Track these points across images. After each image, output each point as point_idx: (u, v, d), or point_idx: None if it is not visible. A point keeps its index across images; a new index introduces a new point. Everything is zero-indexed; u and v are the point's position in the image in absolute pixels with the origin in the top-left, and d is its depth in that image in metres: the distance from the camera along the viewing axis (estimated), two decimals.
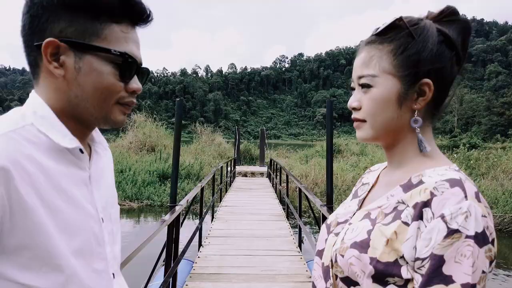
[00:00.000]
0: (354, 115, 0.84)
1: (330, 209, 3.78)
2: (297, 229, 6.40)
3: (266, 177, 17.32)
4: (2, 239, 0.65)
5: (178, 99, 4.35)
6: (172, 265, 3.75)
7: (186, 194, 5.48)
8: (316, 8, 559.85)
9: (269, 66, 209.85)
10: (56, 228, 0.70)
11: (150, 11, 0.80)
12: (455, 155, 18.87)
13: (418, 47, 0.77)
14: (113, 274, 0.85)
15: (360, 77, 0.81)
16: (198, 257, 5.37)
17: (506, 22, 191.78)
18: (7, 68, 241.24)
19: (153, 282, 4.09)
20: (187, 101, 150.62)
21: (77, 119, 0.79)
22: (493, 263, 0.68)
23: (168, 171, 15.06)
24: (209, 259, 5.27)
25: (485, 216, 0.67)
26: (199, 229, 5.82)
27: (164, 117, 36.64)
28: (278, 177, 12.32)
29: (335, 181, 14.58)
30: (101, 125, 0.82)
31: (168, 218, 3.50)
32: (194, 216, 10.66)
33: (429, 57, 0.76)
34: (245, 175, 18.40)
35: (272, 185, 13.58)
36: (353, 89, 0.85)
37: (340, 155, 22.14)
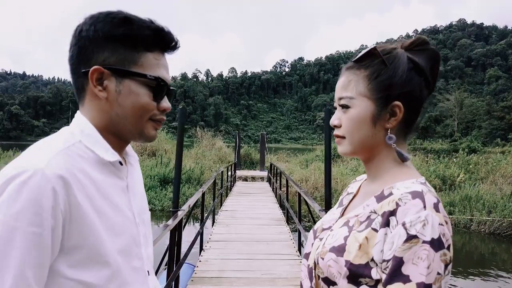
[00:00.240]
0: (335, 132, 0.95)
1: None
2: (297, 233, 6.48)
3: (266, 181, 17.38)
4: (62, 240, 0.77)
5: (181, 106, 4.42)
6: (174, 269, 3.84)
7: (187, 199, 5.57)
8: (316, 13, 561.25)
9: (269, 70, 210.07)
10: (105, 230, 0.83)
11: (177, 40, 0.95)
12: (454, 159, 18.93)
13: (389, 74, 0.87)
14: (148, 271, 0.98)
15: (340, 98, 0.92)
16: (200, 261, 5.45)
17: (506, 26, 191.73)
18: (8, 72, 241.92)
19: None
20: (187, 105, 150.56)
21: (117, 135, 0.92)
22: (449, 266, 0.76)
23: (169, 176, 15.13)
24: (210, 263, 5.35)
25: (442, 225, 0.76)
26: (200, 233, 5.91)
27: (165, 122, 36.67)
28: (278, 181, 12.39)
29: (335, 186, 14.66)
30: (136, 139, 0.94)
31: (171, 223, 3.59)
32: (194, 220, 10.73)
33: (399, 82, 0.87)
34: (245, 179, 18.47)
35: (272, 190, 13.65)
36: (336, 108, 0.95)
37: (340, 160, 22.18)
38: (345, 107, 0.91)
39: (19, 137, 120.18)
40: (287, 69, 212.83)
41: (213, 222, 8.15)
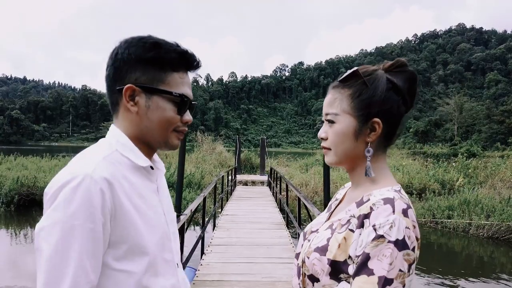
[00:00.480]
0: (322, 143, 1.06)
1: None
2: (296, 237, 6.55)
3: (267, 185, 17.43)
4: (110, 235, 0.92)
5: None
6: None
7: (187, 203, 5.65)
8: (316, 17, 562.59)
9: (269, 75, 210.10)
10: (143, 225, 0.98)
11: (199, 60, 1.09)
12: (453, 163, 18.99)
13: (370, 93, 0.97)
14: (177, 264, 1.12)
15: (326, 114, 1.03)
16: (201, 264, 5.53)
17: (505, 31, 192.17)
18: (9, 77, 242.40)
19: None
20: None
21: (146, 143, 1.07)
22: (413, 266, 0.86)
23: (170, 180, 15.19)
24: (211, 267, 5.43)
25: (408, 228, 0.86)
26: (201, 237, 5.99)
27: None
28: (278, 186, 12.46)
29: (335, 190, 14.63)
30: (162, 148, 1.09)
31: None
32: (195, 224, 10.79)
33: (378, 101, 0.97)
34: (245, 184, 18.53)
35: (273, 194, 13.71)
36: (323, 122, 1.06)
37: None
38: (330, 122, 1.02)
39: (19, 141, 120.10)
40: (287, 74, 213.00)
41: (214, 226, 8.23)
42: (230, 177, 14.53)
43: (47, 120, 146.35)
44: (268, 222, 8.80)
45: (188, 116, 1.08)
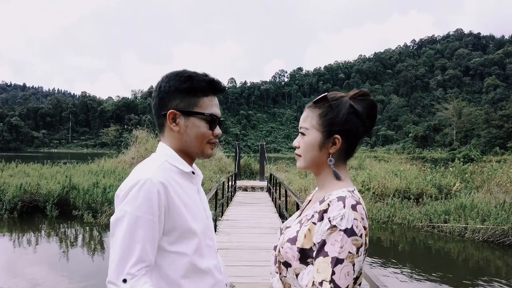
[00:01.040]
0: (296, 151, 1.32)
1: None
2: None
3: (266, 191, 17.60)
4: (164, 225, 1.23)
5: None
6: None
7: None
8: (314, 23, 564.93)
9: (268, 80, 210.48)
10: (190, 217, 1.29)
11: (224, 86, 1.42)
12: (450, 168, 19.13)
13: (333, 115, 1.23)
14: (217, 250, 1.46)
15: (300, 127, 1.30)
16: None
17: (503, 36, 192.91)
18: (9, 84, 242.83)
19: None
20: None
21: (187, 154, 1.40)
22: (361, 249, 1.09)
23: None
24: None
25: (356, 219, 1.09)
26: None
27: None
28: (277, 191, 12.64)
29: None
30: (199, 157, 1.41)
31: None
32: None
33: (340, 122, 1.22)
34: (245, 189, 18.70)
35: (272, 199, 13.88)
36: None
37: None
38: (302, 134, 1.29)
39: (19, 148, 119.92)
40: (286, 79, 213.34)
41: (215, 231, 8.40)
42: (230, 183, 14.70)
43: (46, 126, 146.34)
44: (268, 227, 8.98)
45: (218, 130, 1.40)
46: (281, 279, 1.24)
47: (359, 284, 1.16)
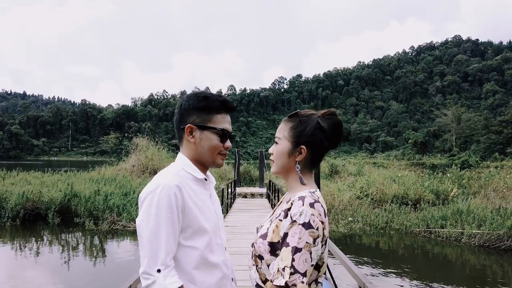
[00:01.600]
0: (270, 157, 1.55)
1: None
2: None
3: (266, 198, 17.73)
4: (181, 223, 1.45)
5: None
6: None
7: None
8: (313, 31, 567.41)
9: (268, 87, 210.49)
10: (202, 217, 1.50)
11: (235, 105, 1.65)
12: (448, 174, 19.27)
13: (301, 128, 1.46)
14: (225, 247, 1.66)
15: (275, 137, 1.53)
16: None
17: (501, 42, 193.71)
18: (8, 92, 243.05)
19: None
20: None
21: (201, 163, 1.61)
22: (318, 240, 1.30)
23: None
24: None
25: (313, 215, 1.30)
26: None
27: (164, 139, 37.03)
28: (277, 198, 12.79)
29: (332, 201, 15.05)
30: (211, 166, 1.63)
31: None
32: None
33: (306, 135, 1.44)
34: (245, 196, 18.84)
35: (271, 206, 14.03)
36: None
37: (337, 176, 22.58)
38: (276, 142, 1.52)
39: (19, 156, 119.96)
40: (285, 86, 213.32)
41: None
42: (229, 190, 14.85)
43: (46, 134, 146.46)
44: None
45: (228, 143, 1.62)
46: (257, 271, 1.44)
47: (324, 273, 1.38)
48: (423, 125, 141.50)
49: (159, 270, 1.36)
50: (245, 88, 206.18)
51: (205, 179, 1.62)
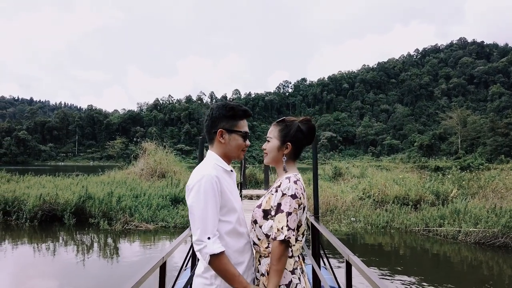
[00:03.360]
0: (264, 151, 2.13)
1: (317, 218, 4.88)
2: None
3: None
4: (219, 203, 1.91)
5: (200, 136, 5.47)
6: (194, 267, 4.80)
7: None
8: (317, 35, 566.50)
9: (272, 91, 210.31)
10: (233, 199, 1.99)
11: (251, 112, 2.13)
12: (448, 176, 19.64)
13: (287, 131, 2.07)
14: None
15: (267, 136, 2.13)
16: None
17: (507, 44, 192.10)
18: (16, 98, 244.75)
19: (179, 280, 5.14)
20: (192, 127, 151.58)
21: (227, 158, 2.08)
22: (301, 206, 1.91)
23: (180, 195, 16.06)
24: None
25: (297, 189, 1.90)
26: None
27: (170, 144, 37.31)
28: None
29: (335, 202, 15.50)
30: (235, 159, 2.11)
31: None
32: None
33: (290, 135, 2.06)
34: (250, 198, 19.27)
35: None
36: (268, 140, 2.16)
37: (341, 178, 22.99)
38: (268, 141, 2.12)
39: (26, 161, 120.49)
40: (290, 90, 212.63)
41: None
42: None
43: (53, 140, 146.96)
44: None
45: (248, 142, 2.09)
46: (254, 231, 2.04)
47: (302, 234, 1.98)
48: (429, 128, 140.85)
49: (209, 238, 1.80)
50: (250, 92, 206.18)
51: (231, 171, 2.07)
